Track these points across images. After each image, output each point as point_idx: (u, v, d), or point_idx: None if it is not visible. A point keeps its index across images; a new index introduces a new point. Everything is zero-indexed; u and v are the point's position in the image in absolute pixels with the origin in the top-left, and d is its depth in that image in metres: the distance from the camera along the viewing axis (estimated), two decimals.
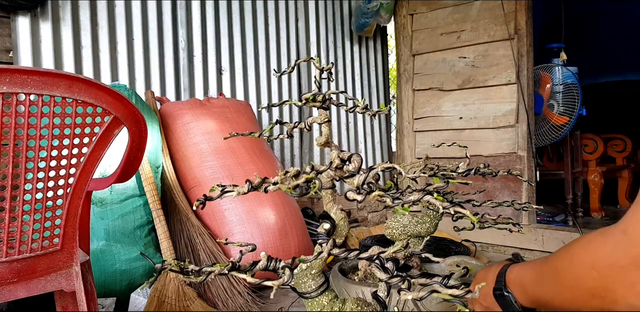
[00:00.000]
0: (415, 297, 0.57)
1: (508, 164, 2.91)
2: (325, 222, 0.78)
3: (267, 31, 3.07)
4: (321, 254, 0.70)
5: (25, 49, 2.13)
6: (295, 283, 0.78)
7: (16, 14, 2.11)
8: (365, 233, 3.06)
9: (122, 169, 1.22)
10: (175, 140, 2.27)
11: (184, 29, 2.68)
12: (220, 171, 2.19)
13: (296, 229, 2.22)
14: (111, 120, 1.04)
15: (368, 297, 0.83)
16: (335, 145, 0.89)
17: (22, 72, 0.89)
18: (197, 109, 2.31)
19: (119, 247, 1.85)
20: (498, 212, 2.65)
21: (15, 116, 0.89)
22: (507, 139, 2.94)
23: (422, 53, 3.38)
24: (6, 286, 0.97)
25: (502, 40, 2.95)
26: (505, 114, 2.94)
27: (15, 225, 0.96)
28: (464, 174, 1.26)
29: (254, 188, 0.72)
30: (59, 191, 1.02)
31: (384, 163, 0.75)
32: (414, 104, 3.42)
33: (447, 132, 3.23)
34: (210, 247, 2.03)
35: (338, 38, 3.51)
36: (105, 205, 1.88)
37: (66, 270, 1.07)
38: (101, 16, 2.37)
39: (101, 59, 2.38)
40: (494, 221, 1.26)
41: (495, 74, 2.98)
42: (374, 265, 0.69)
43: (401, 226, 1.30)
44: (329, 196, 0.82)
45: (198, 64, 2.74)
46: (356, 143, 3.62)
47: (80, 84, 0.97)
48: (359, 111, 0.92)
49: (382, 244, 0.83)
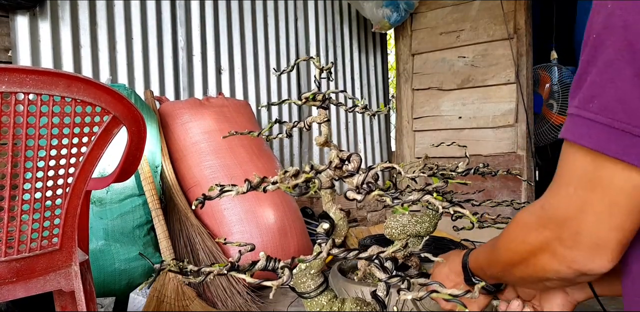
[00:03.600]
0: (415, 297, 0.57)
1: (507, 164, 2.91)
2: (324, 222, 0.78)
3: (267, 31, 3.07)
4: (320, 254, 0.70)
5: (24, 48, 2.13)
6: (294, 283, 0.78)
7: (15, 13, 2.10)
8: (364, 232, 3.06)
9: (121, 168, 1.21)
10: (175, 140, 2.27)
11: (183, 28, 2.67)
12: (219, 171, 2.18)
13: (295, 229, 2.22)
14: (110, 119, 1.04)
15: (367, 296, 0.83)
16: (334, 144, 0.89)
17: (20, 71, 0.89)
18: (196, 109, 2.31)
19: (118, 247, 1.85)
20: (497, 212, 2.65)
21: (14, 115, 0.89)
22: (506, 139, 2.95)
23: (422, 52, 3.38)
24: (5, 285, 0.97)
25: (502, 40, 2.95)
26: (504, 114, 2.94)
27: (14, 224, 0.96)
28: (464, 173, 1.26)
29: (253, 188, 0.72)
30: (57, 191, 1.02)
31: (384, 163, 0.75)
32: (414, 104, 3.42)
33: (447, 132, 3.23)
34: (210, 247, 2.03)
35: (337, 38, 3.51)
36: (104, 204, 1.88)
37: (65, 270, 1.07)
38: (100, 16, 2.37)
39: (100, 59, 2.37)
40: (493, 221, 1.26)
41: (494, 73, 2.98)
42: (374, 265, 0.69)
43: (400, 226, 1.30)
44: (328, 195, 0.82)
45: (197, 64, 2.73)
46: (355, 143, 3.62)
47: (79, 83, 0.96)
48: (359, 111, 0.92)
49: (381, 243, 0.83)
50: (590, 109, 0.50)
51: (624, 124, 0.48)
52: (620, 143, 0.48)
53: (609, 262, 0.53)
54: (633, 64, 0.47)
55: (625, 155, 0.48)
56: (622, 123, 0.48)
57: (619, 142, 0.48)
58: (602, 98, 0.50)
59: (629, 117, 0.48)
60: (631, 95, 0.47)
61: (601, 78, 0.50)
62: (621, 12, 0.48)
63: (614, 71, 0.49)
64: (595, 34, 0.51)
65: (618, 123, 0.48)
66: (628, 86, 0.48)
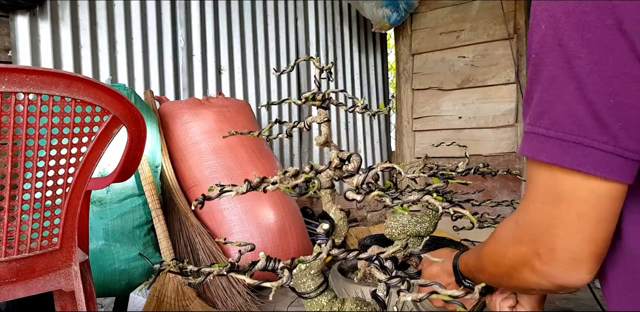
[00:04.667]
0: (415, 298, 0.57)
1: (507, 164, 2.91)
2: (324, 222, 0.78)
3: (267, 31, 3.07)
4: (320, 254, 0.70)
5: (24, 48, 2.13)
6: (294, 283, 0.78)
7: (15, 13, 2.10)
8: (364, 232, 3.06)
9: (121, 168, 1.21)
10: (175, 140, 2.27)
11: (183, 28, 2.67)
12: (219, 171, 2.18)
13: (295, 229, 2.22)
14: (110, 119, 1.04)
15: (367, 297, 0.83)
16: (334, 145, 0.89)
17: (20, 71, 0.89)
18: (196, 109, 2.31)
19: (118, 247, 1.85)
20: (497, 212, 2.65)
21: (14, 115, 0.89)
22: (506, 139, 2.95)
23: (422, 52, 3.37)
24: (5, 285, 0.97)
25: (502, 40, 2.95)
26: (504, 114, 2.94)
27: (14, 224, 0.96)
28: (463, 173, 1.26)
29: (252, 188, 0.72)
30: (57, 191, 1.02)
31: (384, 163, 0.75)
32: (413, 104, 3.42)
33: (447, 132, 3.23)
34: (210, 247, 2.03)
35: (337, 38, 3.51)
36: (104, 204, 1.88)
37: (65, 270, 1.07)
38: (100, 16, 2.37)
39: (100, 59, 2.37)
40: (493, 221, 1.26)
41: (494, 73, 2.98)
42: (373, 266, 0.69)
43: (400, 226, 1.30)
44: (328, 195, 0.82)
45: (197, 64, 2.73)
46: (355, 143, 3.61)
47: (79, 83, 0.96)
48: (359, 111, 0.92)
49: (381, 243, 0.83)
50: (542, 125, 0.52)
51: (574, 136, 0.49)
52: (574, 154, 0.49)
53: (586, 274, 0.54)
54: (574, 78, 0.49)
55: (580, 165, 0.49)
56: (573, 135, 0.49)
57: (572, 153, 0.50)
58: (550, 113, 0.51)
59: (579, 128, 0.49)
60: (577, 107, 0.49)
61: (547, 94, 0.51)
62: (554, 32, 0.50)
63: (557, 86, 0.50)
64: (535, 53, 0.53)
65: (569, 136, 0.50)
66: (573, 99, 0.49)
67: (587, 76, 0.48)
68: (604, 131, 0.48)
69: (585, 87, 0.48)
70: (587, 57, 0.48)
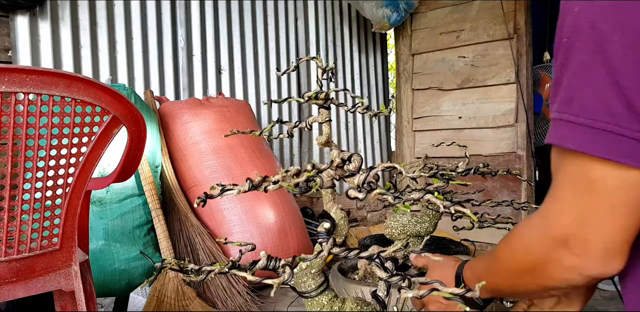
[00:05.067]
0: (416, 295, 0.57)
1: (507, 164, 2.91)
2: (325, 222, 0.78)
3: (267, 31, 3.07)
4: (321, 253, 0.70)
5: (24, 48, 2.13)
6: (294, 282, 0.78)
7: (15, 13, 2.10)
8: (364, 232, 3.06)
9: (121, 168, 1.21)
10: (175, 140, 2.27)
11: (183, 28, 2.67)
12: (219, 171, 2.18)
13: (295, 229, 2.22)
14: (110, 119, 1.04)
15: (367, 296, 0.83)
16: (335, 144, 0.89)
17: (20, 71, 0.88)
18: (196, 109, 2.31)
19: (118, 247, 1.85)
20: (497, 212, 2.65)
21: (14, 115, 0.89)
22: (506, 139, 2.95)
23: (422, 52, 3.37)
24: (5, 285, 0.97)
25: (502, 40, 2.94)
26: (504, 114, 2.94)
27: (14, 224, 0.96)
28: (464, 173, 1.26)
29: (254, 187, 0.72)
30: (57, 191, 1.02)
31: (385, 163, 0.75)
32: (414, 104, 3.42)
33: (447, 132, 3.23)
34: (210, 247, 2.03)
35: (337, 38, 3.51)
36: (104, 204, 1.88)
37: (65, 269, 1.07)
38: (100, 16, 2.37)
39: (100, 59, 2.37)
40: (493, 221, 1.26)
41: (494, 73, 2.98)
42: (374, 264, 0.69)
43: (400, 226, 1.30)
44: (329, 195, 0.82)
45: (197, 64, 2.73)
46: (355, 143, 3.62)
47: (79, 83, 0.96)
48: (360, 111, 0.92)
49: (381, 243, 0.83)
50: (570, 111, 0.50)
51: (604, 123, 0.48)
52: (604, 142, 0.48)
53: (620, 263, 0.53)
54: (606, 63, 0.47)
55: (611, 154, 0.48)
56: (603, 122, 0.48)
57: (602, 141, 0.48)
58: (580, 99, 0.50)
59: (609, 116, 0.48)
60: (607, 94, 0.47)
61: (577, 80, 0.50)
62: (587, 15, 0.49)
63: (588, 72, 0.49)
64: (566, 37, 0.51)
65: (599, 123, 0.48)
66: (604, 85, 0.48)
67: (620, 61, 0.46)
68: (635, 119, 0.46)
69: (618, 72, 0.47)
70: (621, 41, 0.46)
